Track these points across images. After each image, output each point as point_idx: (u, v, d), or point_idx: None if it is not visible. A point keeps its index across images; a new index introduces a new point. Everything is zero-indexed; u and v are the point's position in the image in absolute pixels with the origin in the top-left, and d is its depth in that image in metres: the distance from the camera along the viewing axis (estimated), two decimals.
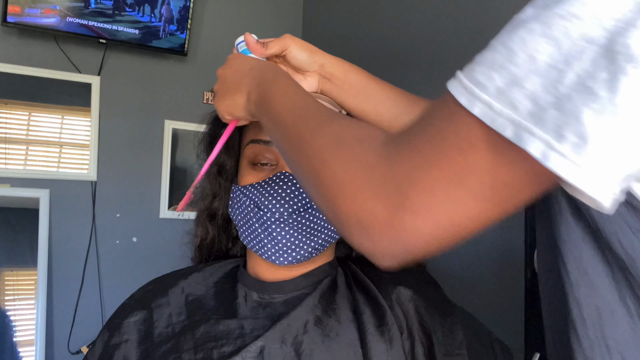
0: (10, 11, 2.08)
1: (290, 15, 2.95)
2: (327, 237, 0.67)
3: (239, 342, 0.62)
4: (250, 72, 0.60)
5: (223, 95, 0.62)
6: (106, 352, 0.68)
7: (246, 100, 0.58)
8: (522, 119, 0.30)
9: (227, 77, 0.63)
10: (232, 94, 0.60)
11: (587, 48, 0.29)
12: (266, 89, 0.55)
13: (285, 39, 0.70)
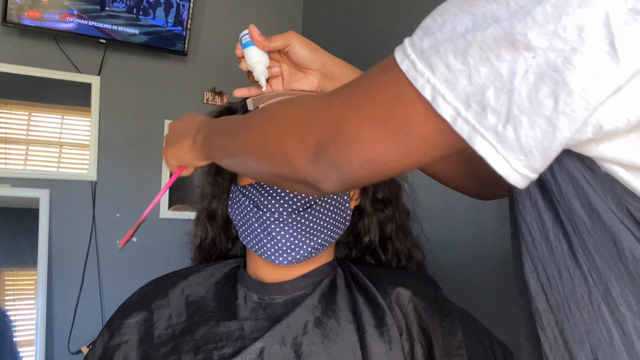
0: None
1: (290, 15, 2.95)
2: (326, 237, 0.67)
3: (239, 343, 0.62)
4: (197, 123, 0.65)
5: (171, 143, 0.67)
6: (106, 353, 0.68)
7: (192, 143, 0.62)
8: (439, 83, 0.34)
9: (177, 128, 0.68)
10: (179, 142, 0.65)
11: (491, 25, 0.33)
12: (209, 127, 0.61)
13: (289, 35, 0.71)
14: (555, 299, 0.41)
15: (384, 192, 0.75)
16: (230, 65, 2.69)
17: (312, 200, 0.64)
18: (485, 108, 0.33)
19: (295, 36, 0.71)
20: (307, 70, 0.72)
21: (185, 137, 0.64)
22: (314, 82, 0.73)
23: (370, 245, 0.75)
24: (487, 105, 0.33)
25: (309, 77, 0.73)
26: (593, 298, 0.39)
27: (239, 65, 0.72)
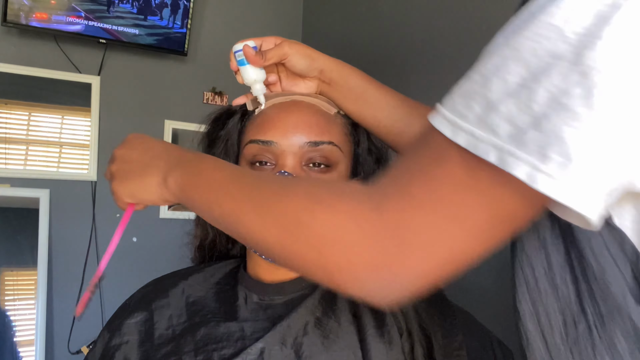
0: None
1: (290, 15, 2.95)
2: None
3: (239, 344, 0.62)
4: (163, 154, 0.56)
5: (125, 177, 0.58)
6: (107, 353, 0.68)
7: (159, 182, 0.54)
8: (504, 142, 0.30)
9: (131, 158, 0.58)
10: (140, 177, 0.56)
11: (554, 64, 0.29)
12: (191, 168, 0.52)
13: (283, 47, 0.69)
14: (557, 345, 0.39)
15: None
16: (230, 65, 2.69)
17: None
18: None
19: (289, 47, 0.69)
20: (305, 78, 0.72)
21: (148, 173, 0.55)
22: (312, 87, 0.73)
23: None
24: None
25: (306, 83, 0.73)
26: (597, 351, 0.36)
27: (236, 77, 0.73)
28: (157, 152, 0.56)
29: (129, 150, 0.59)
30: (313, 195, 0.39)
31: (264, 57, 0.69)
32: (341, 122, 0.72)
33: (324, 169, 0.67)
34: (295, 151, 0.66)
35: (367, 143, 0.74)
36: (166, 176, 0.53)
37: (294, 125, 0.66)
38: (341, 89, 0.72)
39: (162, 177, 0.53)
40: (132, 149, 0.59)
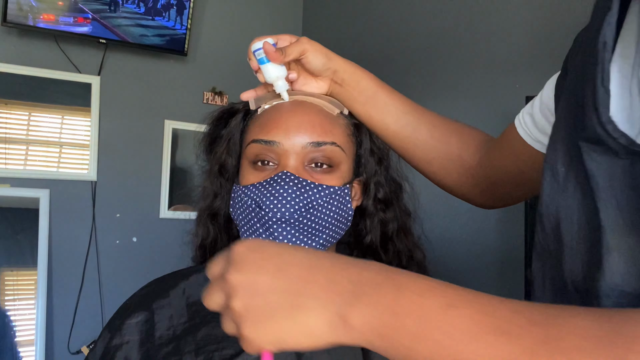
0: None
1: (290, 15, 2.95)
2: (328, 237, 0.67)
3: (240, 344, 0.62)
4: (319, 275, 0.38)
5: (263, 317, 0.38)
6: (107, 353, 0.68)
7: (330, 322, 0.36)
8: None
9: (264, 287, 0.38)
10: (290, 316, 0.37)
11: None
12: (393, 298, 0.35)
13: (303, 43, 0.69)
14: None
15: (385, 193, 0.75)
16: (230, 65, 2.69)
17: (314, 201, 0.64)
18: None
19: (309, 43, 0.70)
20: (317, 77, 0.73)
21: (304, 308, 0.37)
22: (323, 87, 0.73)
23: (371, 246, 0.75)
24: None
25: (318, 82, 0.73)
26: None
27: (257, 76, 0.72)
28: (305, 272, 0.38)
29: (255, 275, 0.39)
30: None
31: (284, 54, 0.68)
32: (344, 122, 0.72)
33: (327, 170, 0.67)
34: (297, 151, 0.66)
35: (370, 144, 0.74)
36: (344, 312, 0.36)
37: (296, 125, 0.66)
38: (352, 90, 0.73)
39: (335, 313, 0.36)
40: (258, 273, 0.39)
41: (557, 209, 0.44)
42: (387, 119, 0.73)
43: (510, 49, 1.90)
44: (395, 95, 0.74)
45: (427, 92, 2.22)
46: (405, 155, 0.77)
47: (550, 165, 0.45)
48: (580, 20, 0.45)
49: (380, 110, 0.73)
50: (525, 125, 0.64)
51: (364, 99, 0.73)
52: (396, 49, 2.38)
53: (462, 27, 2.11)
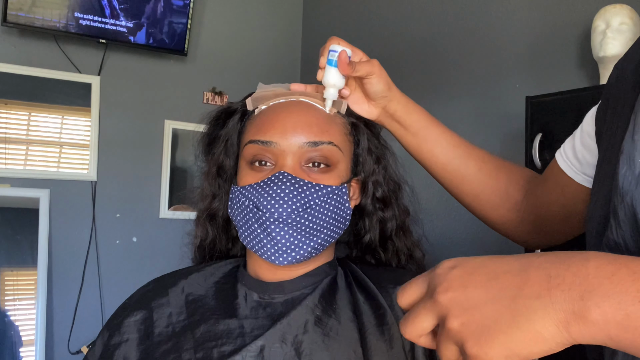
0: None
1: (290, 15, 2.96)
2: (326, 237, 0.67)
3: (239, 341, 0.62)
4: (527, 275, 0.36)
5: (488, 332, 0.36)
6: (106, 352, 0.68)
7: (559, 323, 0.34)
8: None
9: (480, 301, 0.36)
10: (515, 325, 0.35)
11: None
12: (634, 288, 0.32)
13: (373, 65, 0.70)
14: None
15: (383, 192, 0.75)
16: (230, 65, 2.69)
17: (311, 201, 0.65)
18: None
19: (378, 67, 0.71)
20: (371, 101, 0.73)
21: (526, 315, 0.34)
22: (373, 112, 0.75)
23: (370, 245, 0.75)
24: None
25: (370, 106, 0.74)
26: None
27: (317, 72, 0.72)
28: (516, 277, 0.36)
29: (466, 290, 0.37)
30: None
31: (353, 68, 0.68)
32: (341, 122, 0.72)
33: (324, 169, 0.67)
34: (294, 151, 0.66)
35: (367, 143, 0.74)
36: (579, 309, 0.33)
37: (293, 125, 0.66)
38: (403, 122, 0.75)
39: (565, 311, 0.34)
40: (468, 287, 0.37)
41: (632, 201, 0.41)
42: (436, 150, 0.75)
43: (510, 49, 1.90)
44: (445, 129, 0.77)
45: (427, 92, 2.22)
46: (452, 188, 0.78)
47: (627, 156, 0.43)
48: (581, 21, 0.45)
49: (430, 143, 0.75)
50: (567, 158, 0.65)
51: (414, 130, 0.75)
52: (396, 48, 2.38)
53: (462, 27, 2.11)
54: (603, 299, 0.33)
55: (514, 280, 0.36)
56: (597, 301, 0.33)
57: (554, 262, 0.35)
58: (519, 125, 1.47)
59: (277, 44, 2.88)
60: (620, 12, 1.47)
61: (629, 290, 0.32)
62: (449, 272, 0.39)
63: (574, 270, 0.34)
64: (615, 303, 0.32)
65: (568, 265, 0.35)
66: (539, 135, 1.38)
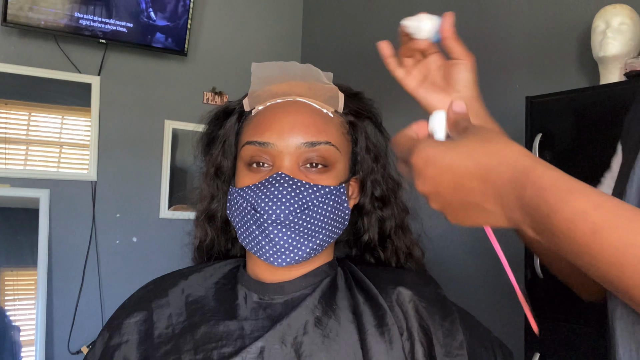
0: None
1: (290, 15, 2.95)
2: (325, 237, 0.67)
3: (239, 343, 0.62)
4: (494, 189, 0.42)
5: (455, 214, 0.46)
6: (106, 353, 0.68)
7: (506, 223, 0.43)
8: None
9: (450, 199, 0.45)
10: (476, 215, 0.44)
11: None
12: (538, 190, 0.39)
13: (471, 55, 0.66)
14: None
15: (382, 190, 0.75)
16: (230, 65, 2.69)
17: (309, 202, 0.64)
18: None
19: (472, 57, 0.66)
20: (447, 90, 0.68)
21: (487, 214, 0.43)
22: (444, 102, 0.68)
23: (369, 244, 0.75)
24: None
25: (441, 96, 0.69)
26: None
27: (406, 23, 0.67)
28: (479, 186, 0.42)
29: (437, 189, 0.44)
30: None
31: (452, 35, 0.63)
32: (338, 121, 0.72)
33: (322, 169, 0.67)
34: (292, 152, 0.65)
35: (365, 142, 0.74)
36: (513, 219, 0.42)
37: (290, 125, 0.66)
38: None
39: (507, 220, 0.42)
40: (439, 187, 0.44)
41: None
42: None
43: (510, 49, 1.90)
44: None
45: None
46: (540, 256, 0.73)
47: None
48: (581, 21, 0.45)
49: None
50: None
51: None
52: (397, 48, 2.38)
53: (462, 27, 2.11)
54: (525, 216, 0.40)
55: (478, 190, 0.43)
56: (522, 217, 0.41)
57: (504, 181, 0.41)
58: (518, 125, 1.47)
59: (277, 44, 2.88)
60: (620, 12, 1.47)
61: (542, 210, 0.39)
62: (424, 168, 0.45)
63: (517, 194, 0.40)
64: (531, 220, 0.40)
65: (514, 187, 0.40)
66: (539, 135, 1.38)
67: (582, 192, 0.38)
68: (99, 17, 2.24)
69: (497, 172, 0.41)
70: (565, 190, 0.38)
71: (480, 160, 0.42)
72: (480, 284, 1.99)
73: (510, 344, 0.74)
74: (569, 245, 0.38)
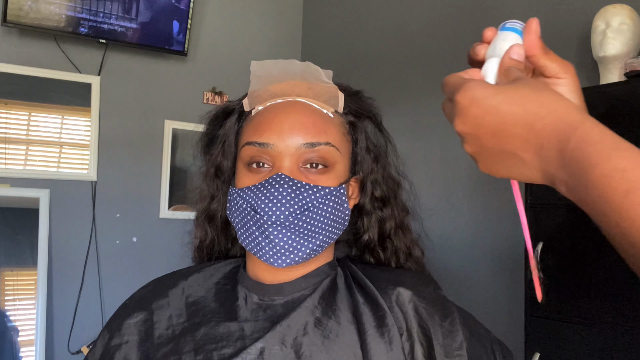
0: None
1: (290, 15, 2.95)
2: (325, 238, 0.67)
3: (239, 344, 0.62)
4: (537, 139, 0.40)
5: (489, 161, 0.44)
6: (106, 353, 0.68)
7: (543, 178, 0.41)
8: None
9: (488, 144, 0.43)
10: (512, 165, 0.42)
11: None
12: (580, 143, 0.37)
13: (570, 65, 0.48)
14: None
15: (382, 191, 0.75)
16: (230, 65, 2.69)
17: (309, 203, 0.64)
18: None
19: (574, 71, 0.48)
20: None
21: (525, 165, 0.41)
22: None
23: (369, 244, 0.75)
24: None
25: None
26: None
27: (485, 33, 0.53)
28: (523, 132, 0.40)
29: (477, 131, 0.43)
30: None
31: (545, 50, 0.47)
32: (338, 121, 0.71)
33: (322, 170, 0.67)
34: (292, 153, 0.65)
35: (366, 142, 0.74)
36: (552, 175, 0.40)
37: (290, 126, 0.66)
38: None
39: (546, 175, 0.41)
40: (480, 130, 0.42)
41: None
42: None
43: None
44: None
45: (427, 92, 2.22)
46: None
47: None
48: (581, 21, 0.44)
49: None
50: None
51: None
52: (396, 48, 2.38)
53: (462, 27, 2.11)
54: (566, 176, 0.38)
55: (516, 138, 0.41)
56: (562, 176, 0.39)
57: (550, 135, 0.39)
58: None
59: (277, 44, 2.88)
60: (620, 12, 1.47)
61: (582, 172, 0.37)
62: (468, 106, 0.43)
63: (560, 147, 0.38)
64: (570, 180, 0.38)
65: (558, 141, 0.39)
66: None
67: (627, 151, 0.36)
68: (99, 17, 2.24)
69: (544, 122, 0.39)
70: (609, 147, 0.36)
71: (529, 108, 0.40)
72: (480, 284, 1.99)
73: (510, 344, 0.74)
74: (600, 204, 0.36)
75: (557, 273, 1.37)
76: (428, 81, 2.22)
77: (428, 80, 2.22)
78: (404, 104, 2.28)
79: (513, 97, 0.41)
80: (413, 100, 2.26)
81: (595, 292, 1.31)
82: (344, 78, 0.76)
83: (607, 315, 1.29)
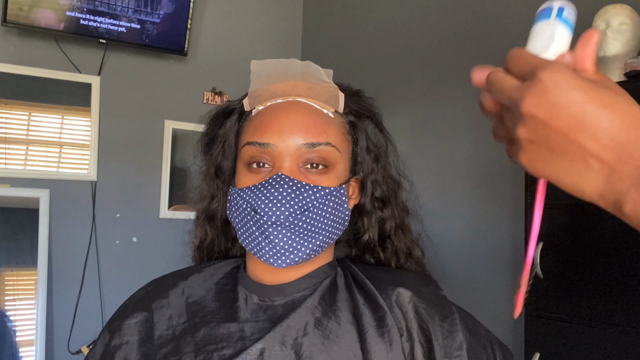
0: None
1: (290, 15, 2.95)
2: (325, 239, 0.67)
3: (240, 344, 0.62)
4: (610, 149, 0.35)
5: (544, 154, 0.38)
6: (107, 353, 0.68)
7: (602, 198, 0.37)
8: None
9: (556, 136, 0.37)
10: (569, 168, 0.37)
11: None
12: None
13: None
14: None
15: (382, 191, 0.75)
16: (230, 65, 2.69)
17: (309, 203, 0.64)
18: None
19: None
20: None
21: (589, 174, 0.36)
22: None
23: (369, 244, 0.75)
24: None
25: None
26: None
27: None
28: (594, 142, 0.35)
29: (549, 120, 0.37)
30: None
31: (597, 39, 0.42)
32: (339, 121, 0.71)
33: (322, 170, 0.67)
34: (292, 153, 0.65)
35: (366, 142, 0.74)
36: (619, 199, 0.35)
37: (290, 126, 0.66)
38: None
39: (609, 192, 0.36)
40: (552, 119, 0.36)
41: None
42: None
43: (510, 49, 1.90)
44: None
45: (427, 92, 2.22)
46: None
47: None
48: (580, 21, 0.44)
49: None
50: None
51: None
52: (396, 49, 2.38)
53: (462, 27, 2.11)
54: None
55: (594, 141, 0.36)
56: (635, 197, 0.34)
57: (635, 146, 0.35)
58: None
59: (277, 44, 2.88)
60: (620, 12, 1.47)
61: None
62: (549, 89, 0.37)
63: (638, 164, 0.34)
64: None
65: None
66: None
67: None
68: (99, 17, 2.24)
69: (629, 134, 0.35)
70: None
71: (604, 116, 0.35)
72: (480, 284, 1.99)
73: (510, 344, 0.74)
74: None
75: (557, 273, 1.37)
76: (428, 81, 2.22)
77: (428, 80, 2.22)
78: (404, 103, 2.28)
79: (603, 99, 0.36)
80: (413, 100, 2.26)
81: (595, 292, 1.31)
82: (344, 78, 0.76)
83: (607, 315, 1.29)
